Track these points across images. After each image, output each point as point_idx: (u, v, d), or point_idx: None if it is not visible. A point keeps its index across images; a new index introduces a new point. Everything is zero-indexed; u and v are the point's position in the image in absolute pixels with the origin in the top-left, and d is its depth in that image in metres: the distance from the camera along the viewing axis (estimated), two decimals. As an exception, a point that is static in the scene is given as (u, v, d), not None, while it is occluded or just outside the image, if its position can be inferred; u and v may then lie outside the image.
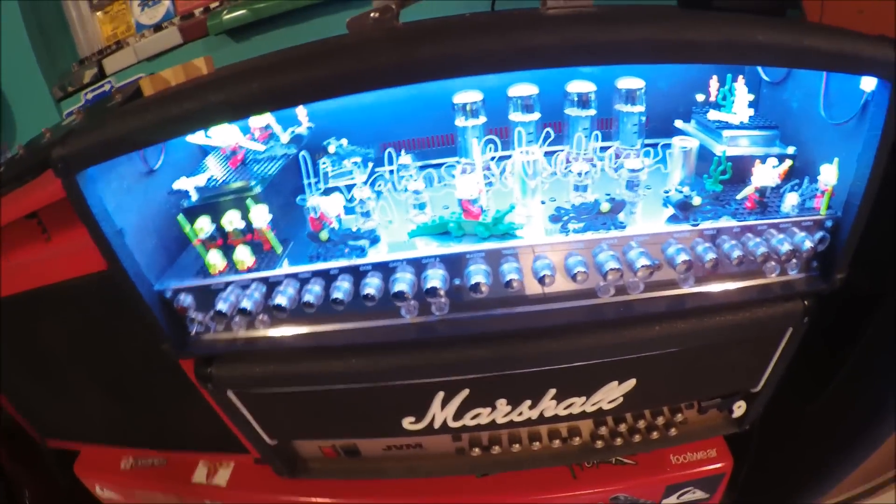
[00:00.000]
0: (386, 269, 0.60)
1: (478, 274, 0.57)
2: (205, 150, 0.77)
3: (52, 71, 1.05)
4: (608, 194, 0.59)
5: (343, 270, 0.60)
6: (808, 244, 0.62)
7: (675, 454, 0.83)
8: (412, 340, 0.61)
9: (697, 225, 0.60)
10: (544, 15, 0.56)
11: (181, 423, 0.85)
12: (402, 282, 0.57)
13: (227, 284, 0.63)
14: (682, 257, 0.58)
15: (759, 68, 0.75)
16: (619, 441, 0.78)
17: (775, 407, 0.84)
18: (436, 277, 0.57)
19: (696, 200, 0.60)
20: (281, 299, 0.60)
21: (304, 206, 0.62)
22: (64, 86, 1.02)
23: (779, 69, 0.73)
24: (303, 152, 0.62)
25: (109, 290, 0.70)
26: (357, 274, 0.60)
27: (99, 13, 1.03)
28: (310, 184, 0.63)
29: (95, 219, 0.56)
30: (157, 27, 0.97)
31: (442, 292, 0.57)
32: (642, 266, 0.57)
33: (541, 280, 0.56)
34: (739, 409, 0.79)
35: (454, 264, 0.59)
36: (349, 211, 0.64)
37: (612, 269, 0.56)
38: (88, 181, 0.56)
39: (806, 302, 0.69)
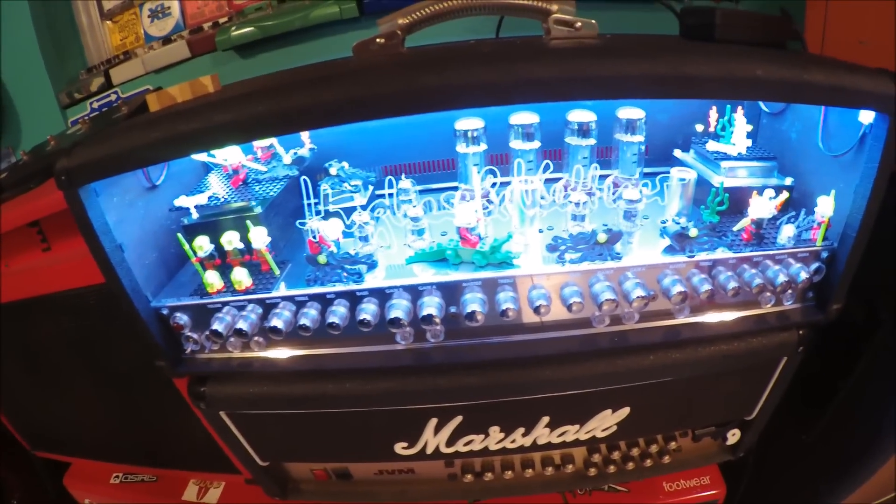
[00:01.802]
0: (382, 295, 0.60)
1: (474, 302, 0.57)
2: (208, 167, 0.77)
3: (60, 77, 1.06)
4: (605, 225, 0.59)
5: (339, 295, 0.60)
6: (803, 275, 0.62)
7: (668, 482, 0.83)
8: (407, 366, 0.61)
9: (693, 256, 0.60)
10: (548, 47, 0.57)
11: (173, 441, 0.84)
12: (399, 308, 0.57)
13: (224, 304, 0.63)
14: (678, 289, 0.58)
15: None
16: (612, 468, 0.77)
17: (771, 434, 0.83)
18: (432, 305, 0.57)
19: (693, 232, 0.60)
20: (277, 322, 0.60)
21: (304, 230, 0.62)
22: (71, 93, 1.02)
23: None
24: (303, 177, 0.63)
25: (106, 304, 0.70)
26: (353, 299, 0.60)
27: (109, 22, 1.03)
28: (309, 205, 0.63)
29: (96, 233, 0.56)
30: (166, 39, 0.98)
31: (438, 320, 0.57)
32: (638, 297, 0.57)
33: (536, 310, 0.56)
34: (734, 437, 0.79)
35: (450, 292, 0.59)
36: (348, 234, 0.64)
37: (607, 300, 0.57)
38: (91, 195, 0.56)
39: (801, 332, 0.69)
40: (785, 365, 0.71)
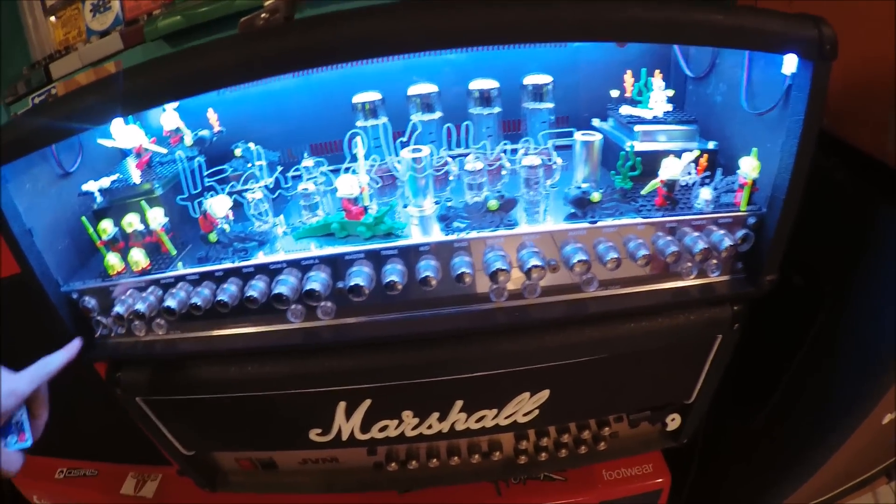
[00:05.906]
0: (270, 272, 0.58)
1: (358, 276, 0.54)
2: (125, 153, 0.77)
3: (7, 75, 1.07)
4: (499, 191, 0.56)
5: (229, 273, 0.58)
6: (727, 242, 0.58)
7: (607, 469, 0.78)
8: (299, 346, 0.59)
9: (595, 222, 0.56)
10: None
11: (108, 434, 0.84)
12: (284, 285, 0.55)
13: (127, 287, 0.62)
14: (579, 257, 0.55)
15: (683, 64, 0.72)
16: (543, 456, 0.73)
17: (718, 419, 0.78)
18: (316, 280, 0.55)
19: (596, 196, 0.56)
20: (171, 302, 0.58)
21: (188, 206, 0.61)
22: (14, 89, 1.03)
23: (702, 64, 0.70)
24: (178, 152, 0.61)
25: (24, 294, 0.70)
26: (244, 277, 0.58)
27: (52, 17, 1.03)
28: (196, 186, 0.62)
29: (4, 216, 0.56)
30: (105, 33, 0.97)
31: (322, 295, 0.55)
32: (533, 266, 0.54)
33: (423, 281, 0.53)
34: (673, 422, 0.74)
35: (340, 266, 0.57)
36: (242, 214, 0.63)
37: (499, 270, 0.53)
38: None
39: (735, 307, 0.64)
40: (721, 343, 0.67)
